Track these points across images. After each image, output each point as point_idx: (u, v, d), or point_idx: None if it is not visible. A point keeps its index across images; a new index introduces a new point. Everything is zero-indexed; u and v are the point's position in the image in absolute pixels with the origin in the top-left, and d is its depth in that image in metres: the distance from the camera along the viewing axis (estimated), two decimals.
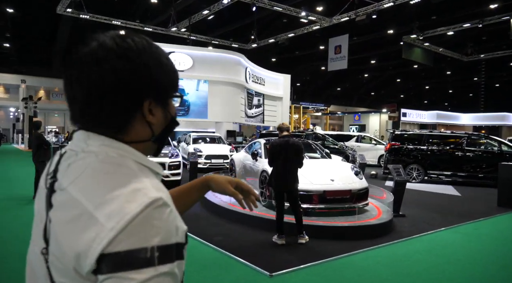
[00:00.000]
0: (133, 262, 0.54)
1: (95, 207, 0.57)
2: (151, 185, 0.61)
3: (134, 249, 0.54)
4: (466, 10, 21.11)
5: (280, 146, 4.77)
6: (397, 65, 35.30)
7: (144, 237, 0.55)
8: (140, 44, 0.67)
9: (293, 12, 19.79)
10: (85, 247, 0.55)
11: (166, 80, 0.70)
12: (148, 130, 0.69)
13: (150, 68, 0.66)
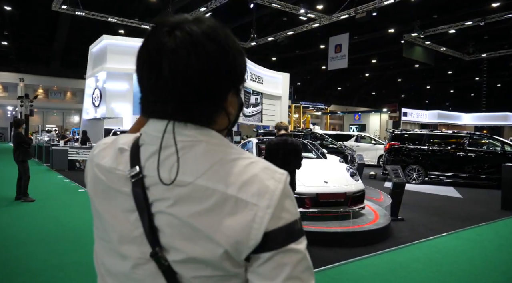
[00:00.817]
0: (294, 234, 0.58)
1: (237, 190, 0.58)
2: (261, 159, 0.64)
3: (291, 222, 0.58)
4: (468, 9, 20.78)
5: (277, 146, 4.45)
6: (398, 64, 34.96)
7: (293, 210, 0.60)
8: (221, 28, 0.64)
9: (292, 9, 19.47)
10: (244, 230, 0.56)
11: (244, 67, 0.67)
12: (226, 119, 0.67)
13: (234, 54, 0.64)
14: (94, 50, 18.57)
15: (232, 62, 0.63)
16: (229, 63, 0.63)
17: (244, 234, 0.56)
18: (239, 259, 0.58)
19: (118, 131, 10.87)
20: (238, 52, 0.65)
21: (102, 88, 16.80)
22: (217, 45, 0.61)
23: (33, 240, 4.67)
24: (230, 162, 0.61)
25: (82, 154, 12.48)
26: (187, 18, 0.64)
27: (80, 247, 4.40)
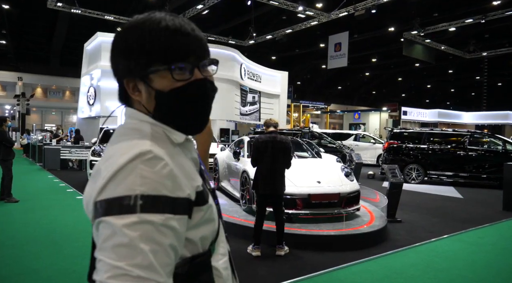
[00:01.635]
0: (117, 208, 0.57)
1: (102, 162, 0.64)
2: (150, 143, 0.65)
3: (118, 196, 0.58)
4: (468, 7, 20.51)
5: (265, 143, 4.19)
6: (398, 63, 34.69)
7: (128, 186, 0.58)
8: (143, 16, 0.73)
9: (290, 6, 19.18)
10: (89, 197, 0.63)
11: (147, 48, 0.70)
12: (143, 107, 0.74)
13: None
14: (89, 48, 18.33)
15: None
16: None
17: (89, 199, 0.63)
18: (92, 220, 0.63)
19: (111, 130, 10.61)
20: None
21: (97, 86, 16.55)
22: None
23: (6, 243, 4.42)
24: (116, 139, 0.68)
25: (74, 154, 12.23)
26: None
27: (56, 250, 4.15)
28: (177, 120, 0.72)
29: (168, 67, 0.69)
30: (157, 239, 0.57)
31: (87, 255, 0.68)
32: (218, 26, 25.76)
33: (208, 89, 0.75)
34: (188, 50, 0.71)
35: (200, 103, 0.74)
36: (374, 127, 31.56)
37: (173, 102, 0.71)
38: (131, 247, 0.55)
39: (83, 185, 8.56)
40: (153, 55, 0.69)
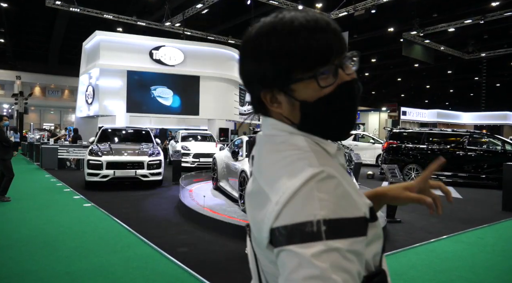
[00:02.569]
0: (299, 236, 0.53)
1: (266, 184, 0.61)
2: (316, 160, 0.61)
3: (300, 223, 0.54)
4: (467, 8, 20.51)
5: None
6: (398, 64, 34.68)
7: (308, 211, 0.54)
8: (281, 17, 0.65)
9: (290, 6, 19.15)
10: (261, 223, 0.60)
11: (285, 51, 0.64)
12: (284, 118, 0.68)
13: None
14: (88, 47, 18.27)
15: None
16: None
17: (261, 226, 0.60)
18: (265, 247, 0.60)
19: (109, 129, 10.56)
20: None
21: (95, 85, 16.49)
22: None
23: (0, 243, 4.36)
24: (271, 157, 0.64)
25: (72, 153, 12.16)
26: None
27: (50, 252, 4.09)
28: (327, 130, 0.67)
29: (313, 75, 0.62)
30: (346, 268, 0.52)
31: (82, 256, 0.58)
32: (217, 26, 25.72)
33: (356, 89, 0.67)
34: (330, 49, 0.63)
35: (350, 107, 0.67)
36: (374, 127, 31.54)
37: (322, 111, 0.65)
38: (324, 279, 0.50)
39: (80, 185, 8.50)
40: (293, 61, 0.62)
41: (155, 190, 8.31)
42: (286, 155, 0.62)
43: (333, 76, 0.63)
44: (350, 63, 0.68)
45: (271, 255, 0.58)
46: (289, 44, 0.61)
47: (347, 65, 0.67)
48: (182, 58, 17.52)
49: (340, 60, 0.65)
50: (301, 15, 0.64)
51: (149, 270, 3.63)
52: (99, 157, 8.04)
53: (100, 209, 6.13)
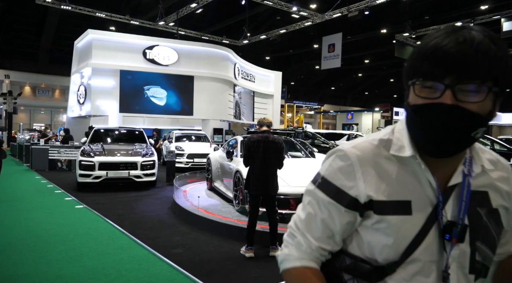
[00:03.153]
0: (313, 178, 0.87)
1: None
2: (357, 144, 0.82)
3: (317, 172, 0.86)
4: (458, 10, 20.76)
5: (257, 143, 4.10)
6: (391, 65, 34.91)
7: (323, 168, 0.84)
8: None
9: (284, 7, 19.16)
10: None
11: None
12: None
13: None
14: (79, 45, 18.07)
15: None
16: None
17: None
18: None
19: (102, 129, 10.44)
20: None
21: (87, 84, 16.30)
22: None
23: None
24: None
25: (63, 154, 11.99)
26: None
27: (41, 255, 3.99)
28: (413, 135, 0.77)
29: (413, 82, 0.72)
30: (315, 209, 0.83)
31: (73, 259, 0.54)
32: (212, 26, 25.61)
33: (445, 116, 0.68)
34: (441, 68, 0.67)
35: (430, 129, 0.71)
36: (367, 127, 31.72)
37: (409, 117, 0.75)
38: (302, 204, 0.88)
39: (72, 186, 8.37)
40: (412, 67, 0.73)
41: (148, 191, 8.21)
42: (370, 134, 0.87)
43: (439, 93, 0.69)
44: (475, 93, 0.68)
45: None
46: (416, 52, 0.73)
47: (467, 94, 0.68)
48: (176, 57, 17.41)
49: (455, 83, 0.68)
50: (443, 33, 0.71)
51: (143, 272, 3.57)
52: (91, 157, 7.93)
53: (93, 211, 6.03)
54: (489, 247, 0.78)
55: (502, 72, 0.68)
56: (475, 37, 0.67)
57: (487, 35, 0.69)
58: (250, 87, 22.60)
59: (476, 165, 0.79)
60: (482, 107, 0.69)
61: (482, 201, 0.78)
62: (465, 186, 0.77)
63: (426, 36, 0.72)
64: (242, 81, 21.58)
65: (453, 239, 0.74)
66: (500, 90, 0.70)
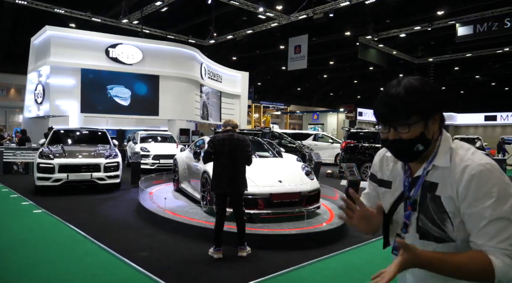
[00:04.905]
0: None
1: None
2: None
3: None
4: (417, 16, 21.85)
5: (223, 141, 4.10)
6: (354, 66, 36.04)
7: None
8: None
9: (251, 7, 19.24)
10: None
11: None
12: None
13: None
14: (36, 42, 17.16)
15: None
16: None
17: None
18: None
19: (62, 130, 9.98)
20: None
21: (46, 83, 15.51)
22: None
23: None
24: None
25: (19, 156, 11.34)
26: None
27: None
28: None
29: (377, 123, 1.30)
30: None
31: (35, 266, 0.55)
32: (177, 25, 25.19)
33: (391, 145, 1.17)
34: (379, 120, 1.18)
35: (390, 150, 1.23)
36: (332, 127, 32.57)
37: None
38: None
39: (29, 190, 7.95)
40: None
41: (113, 193, 7.97)
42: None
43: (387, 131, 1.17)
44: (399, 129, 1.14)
45: None
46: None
47: (381, 128, 1.19)
48: (141, 56, 16.97)
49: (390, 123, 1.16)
50: (393, 85, 1.19)
51: (108, 277, 3.48)
52: (50, 160, 7.57)
53: (53, 215, 5.77)
54: (429, 220, 1.12)
55: (420, 105, 1.09)
56: (393, 93, 1.10)
57: (404, 84, 1.11)
58: (217, 87, 22.50)
59: (430, 164, 1.14)
60: (412, 133, 1.10)
61: (430, 189, 1.12)
62: (422, 177, 1.15)
63: (386, 86, 1.19)
64: (209, 81, 21.45)
65: (408, 207, 1.17)
66: (426, 114, 1.11)
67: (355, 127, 14.20)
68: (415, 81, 1.12)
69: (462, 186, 1.05)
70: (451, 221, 1.08)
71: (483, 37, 17.48)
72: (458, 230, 1.08)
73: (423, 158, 1.15)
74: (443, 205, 1.08)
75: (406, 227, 1.18)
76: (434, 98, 1.12)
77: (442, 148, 1.14)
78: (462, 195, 1.05)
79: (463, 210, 1.05)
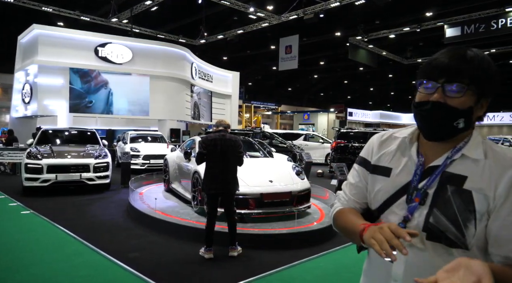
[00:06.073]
0: (356, 160, 1.20)
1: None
2: (384, 133, 1.17)
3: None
4: (406, 17, 22.13)
5: (215, 141, 4.10)
6: (344, 67, 36.30)
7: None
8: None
9: (242, 7, 19.24)
10: None
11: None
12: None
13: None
14: (24, 41, 16.90)
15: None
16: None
17: None
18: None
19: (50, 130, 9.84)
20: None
21: (33, 83, 15.28)
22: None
23: None
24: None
25: (7, 156, 11.14)
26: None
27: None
28: (417, 124, 1.06)
29: (420, 81, 1.02)
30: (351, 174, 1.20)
31: (22, 268, 0.55)
32: (168, 24, 25.05)
33: (430, 110, 0.96)
34: (437, 70, 0.95)
35: (422, 119, 1.00)
36: (323, 127, 32.75)
37: (413, 111, 1.04)
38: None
39: (17, 190, 7.83)
40: (421, 72, 1.04)
41: (102, 194, 7.90)
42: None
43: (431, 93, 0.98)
44: (425, 86, 1.00)
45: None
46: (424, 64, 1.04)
47: (423, 88, 1.01)
48: (131, 56, 16.83)
49: (421, 81, 1.02)
50: (445, 51, 1.00)
51: (98, 278, 3.46)
52: (38, 160, 7.46)
53: (41, 216, 5.69)
54: (447, 218, 0.93)
55: (484, 78, 0.93)
56: (467, 54, 0.94)
57: (477, 53, 0.95)
58: (207, 87, 22.44)
59: (458, 153, 0.96)
60: (462, 103, 0.93)
61: (455, 181, 0.94)
62: (441, 166, 0.97)
63: (437, 53, 1.00)
64: (200, 81, 21.38)
65: (415, 198, 0.97)
66: (482, 92, 0.95)
67: (345, 127, 14.34)
68: (486, 55, 0.97)
69: (504, 186, 0.89)
70: (475, 224, 0.90)
71: (471, 38, 17.77)
72: (478, 237, 0.91)
73: (446, 144, 0.98)
74: (474, 202, 0.91)
75: (405, 223, 0.98)
76: (497, 81, 0.97)
77: (475, 138, 0.98)
78: (500, 195, 0.89)
79: (500, 215, 0.89)
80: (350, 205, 1.14)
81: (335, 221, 1.16)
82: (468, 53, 0.94)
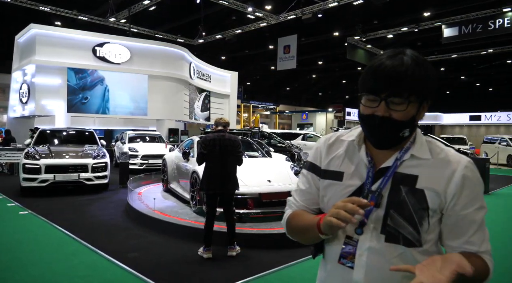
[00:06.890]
0: (304, 165, 1.16)
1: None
2: (332, 135, 1.16)
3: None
4: (405, 17, 22.19)
5: (213, 141, 4.11)
6: (343, 67, 36.36)
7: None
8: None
9: (240, 7, 19.24)
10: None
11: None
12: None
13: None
14: (21, 41, 16.84)
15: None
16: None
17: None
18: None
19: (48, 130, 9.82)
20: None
21: (31, 82, 15.23)
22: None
23: None
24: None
25: (4, 157, 11.10)
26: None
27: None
28: (365, 134, 1.05)
29: (361, 94, 0.99)
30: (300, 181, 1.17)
31: (19, 268, 0.56)
32: (166, 24, 25.03)
33: (377, 124, 0.96)
34: (381, 84, 0.94)
35: (370, 132, 1.00)
36: (321, 127, 32.79)
37: (360, 122, 1.03)
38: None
39: (15, 191, 7.81)
40: (362, 81, 1.01)
41: (101, 194, 7.89)
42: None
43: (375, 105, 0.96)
44: (367, 99, 0.98)
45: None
46: (363, 73, 1.03)
47: (366, 100, 0.98)
48: (129, 56, 16.80)
49: (386, 97, 0.94)
50: (383, 58, 0.98)
51: (97, 278, 3.46)
52: (36, 160, 7.45)
53: (39, 217, 5.69)
54: (403, 218, 0.95)
55: (423, 86, 0.94)
56: (404, 62, 0.92)
57: (413, 57, 0.94)
58: (206, 87, 22.43)
59: (407, 154, 0.99)
60: (406, 114, 0.94)
61: (407, 181, 0.97)
62: (392, 168, 0.99)
63: (374, 58, 1.00)
64: (198, 81, 21.37)
65: (370, 201, 0.95)
66: (423, 98, 0.97)
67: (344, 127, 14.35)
68: (420, 56, 0.96)
69: (455, 184, 0.94)
70: (428, 221, 0.95)
71: (468, 38, 17.86)
72: (430, 232, 0.96)
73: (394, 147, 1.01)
74: (427, 200, 0.94)
75: (362, 227, 0.97)
76: (435, 81, 0.98)
77: (419, 139, 1.02)
78: (452, 193, 0.94)
79: (455, 211, 0.94)
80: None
81: (289, 224, 1.13)
82: (405, 60, 0.93)
